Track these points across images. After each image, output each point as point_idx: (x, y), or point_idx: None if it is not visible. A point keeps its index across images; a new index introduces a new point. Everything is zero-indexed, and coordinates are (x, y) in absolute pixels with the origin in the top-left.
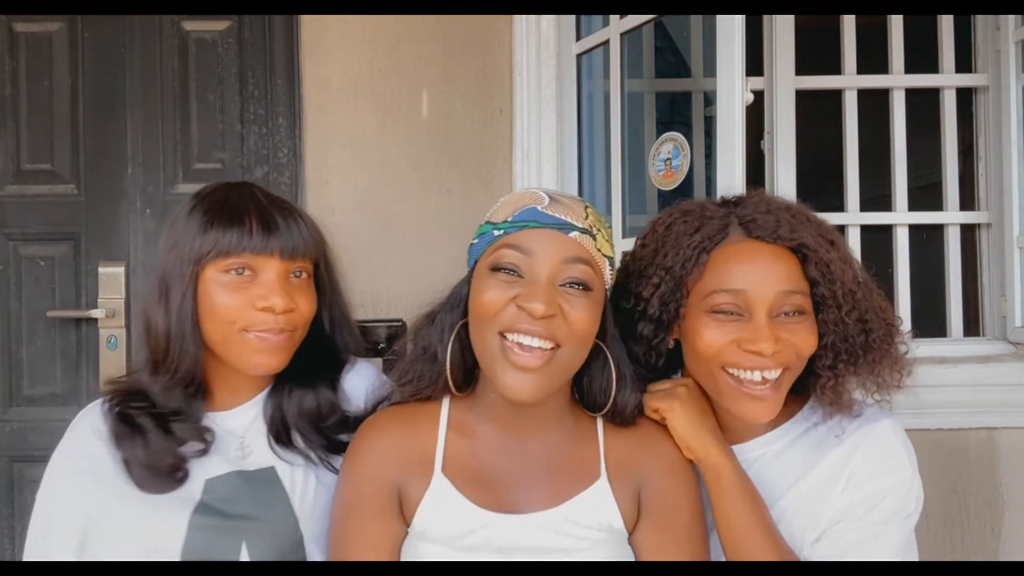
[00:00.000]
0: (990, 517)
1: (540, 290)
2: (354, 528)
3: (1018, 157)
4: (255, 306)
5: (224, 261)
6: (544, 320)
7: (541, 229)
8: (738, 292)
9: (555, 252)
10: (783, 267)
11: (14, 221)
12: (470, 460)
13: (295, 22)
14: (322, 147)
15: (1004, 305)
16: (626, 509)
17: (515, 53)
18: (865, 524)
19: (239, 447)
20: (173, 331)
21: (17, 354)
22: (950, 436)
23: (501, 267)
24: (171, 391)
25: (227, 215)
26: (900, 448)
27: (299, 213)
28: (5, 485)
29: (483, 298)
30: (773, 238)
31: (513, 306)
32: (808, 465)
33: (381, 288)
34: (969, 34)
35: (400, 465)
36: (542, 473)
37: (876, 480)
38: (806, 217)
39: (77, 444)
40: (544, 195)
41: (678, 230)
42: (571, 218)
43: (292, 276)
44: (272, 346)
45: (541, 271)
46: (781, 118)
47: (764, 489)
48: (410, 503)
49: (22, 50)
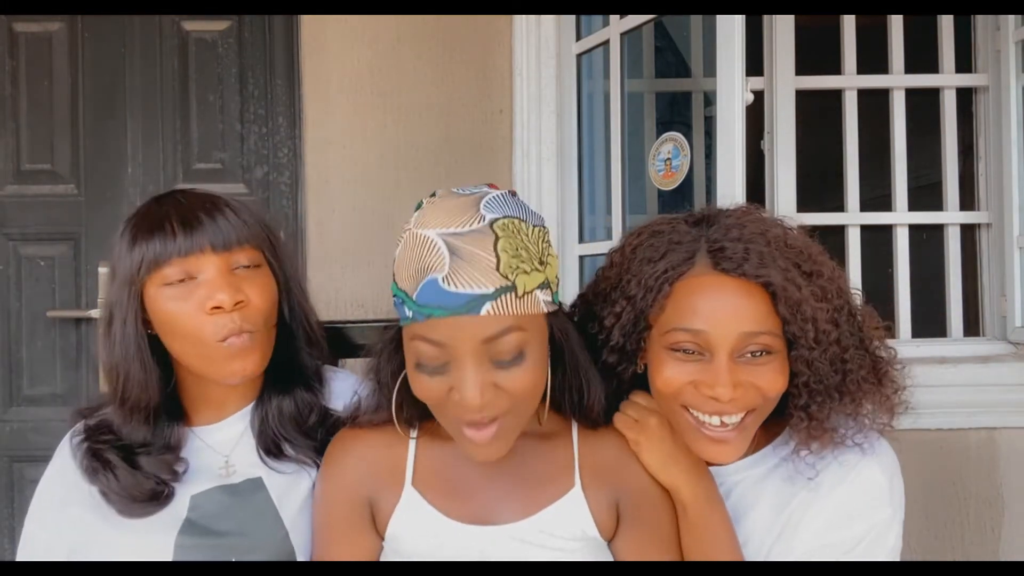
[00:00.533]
0: (990, 517)
1: (466, 381)
2: (331, 545)
3: (1018, 157)
4: (205, 310)
5: (159, 273)
6: (483, 405)
7: (448, 318)
8: (698, 332)
9: (472, 337)
10: (748, 304)
11: (14, 221)
12: (442, 470)
13: (295, 22)
14: (322, 147)
15: (1004, 305)
16: (601, 517)
17: (515, 53)
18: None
19: (224, 464)
20: (117, 358)
21: (17, 354)
22: (950, 436)
23: (421, 362)
24: (129, 423)
25: (148, 226)
26: (881, 487)
27: (229, 204)
28: (5, 485)
29: (417, 388)
30: (738, 272)
31: (450, 399)
32: (784, 498)
33: (381, 288)
34: (969, 34)
35: (371, 477)
36: (516, 482)
37: (853, 525)
38: (784, 244)
39: (61, 467)
40: (443, 249)
41: (643, 255)
42: (477, 286)
43: (237, 270)
44: (240, 349)
45: (463, 359)
46: (781, 118)
47: (743, 513)
48: (382, 515)
49: (22, 50)
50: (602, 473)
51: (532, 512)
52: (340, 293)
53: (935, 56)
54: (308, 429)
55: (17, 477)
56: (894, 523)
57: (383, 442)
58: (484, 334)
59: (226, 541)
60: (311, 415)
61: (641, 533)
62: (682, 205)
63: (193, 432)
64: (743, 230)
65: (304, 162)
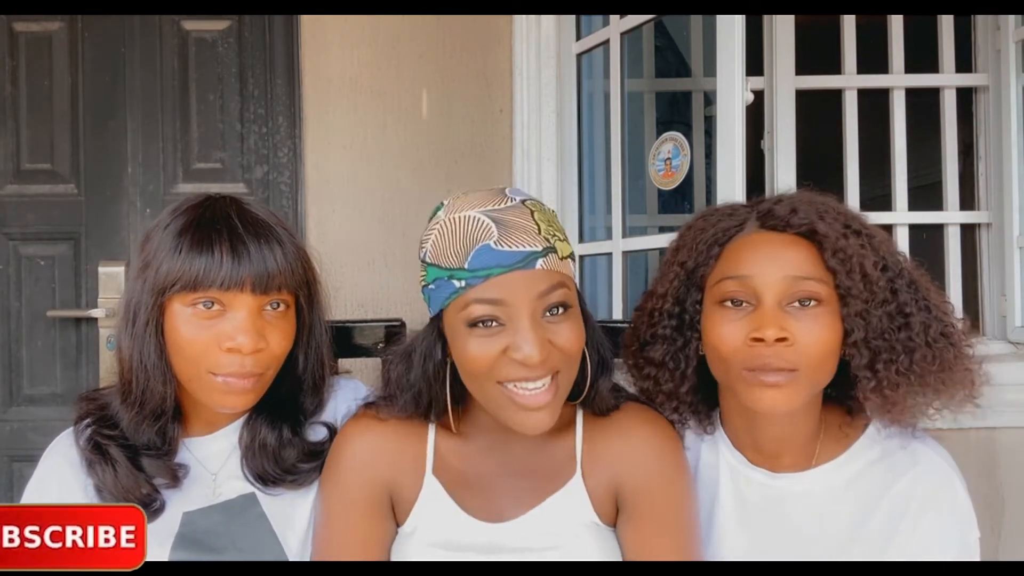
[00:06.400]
0: (990, 517)
1: (527, 336)
2: (342, 530)
3: (1018, 157)
4: (221, 346)
5: (192, 294)
6: (542, 358)
7: (509, 273)
8: (744, 278)
9: (528, 292)
10: (793, 253)
11: (14, 221)
12: (457, 462)
13: (295, 22)
14: (322, 147)
15: (1004, 305)
16: (600, 504)
17: (515, 53)
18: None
19: (212, 481)
20: (136, 364)
21: (17, 354)
22: (950, 436)
23: (477, 322)
24: (140, 426)
25: (196, 241)
26: (968, 510)
27: (279, 238)
28: (5, 485)
29: (469, 355)
30: (783, 226)
31: (505, 358)
32: (864, 513)
33: (381, 288)
34: (969, 34)
35: (391, 464)
36: (522, 474)
37: (946, 553)
38: (831, 207)
39: (54, 468)
40: (488, 221)
41: (697, 226)
42: (528, 244)
43: (266, 309)
44: (239, 389)
45: (521, 315)
46: (781, 118)
47: (814, 525)
48: (403, 504)
49: (22, 50)
50: (603, 460)
51: (536, 503)
52: (340, 293)
53: (935, 56)
54: (288, 467)
55: (17, 477)
56: (977, 543)
57: (401, 430)
58: (538, 288)
59: (222, 556)
60: (289, 454)
61: (644, 523)
62: (682, 205)
63: (184, 444)
64: (795, 198)
65: (304, 162)
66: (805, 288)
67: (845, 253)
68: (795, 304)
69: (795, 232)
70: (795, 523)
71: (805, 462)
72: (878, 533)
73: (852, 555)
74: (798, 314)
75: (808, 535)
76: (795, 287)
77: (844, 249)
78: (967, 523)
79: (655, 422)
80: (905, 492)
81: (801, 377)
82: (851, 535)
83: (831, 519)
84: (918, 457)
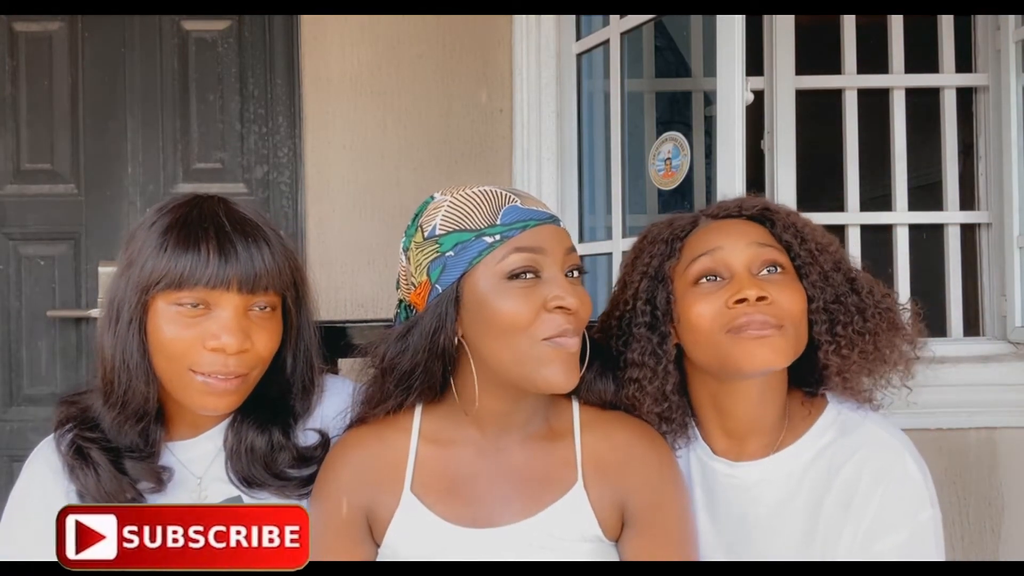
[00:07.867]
0: (990, 517)
1: (565, 286)
2: (323, 554)
3: (1018, 157)
4: (205, 345)
5: (176, 292)
6: (579, 309)
7: (542, 225)
8: (714, 251)
9: (559, 246)
10: (751, 227)
11: (14, 221)
12: (443, 471)
13: (295, 22)
14: (322, 147)
15: (1004, 305)
16: (604, 516)
17: (515, 53)
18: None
19: (198, 485)
20: (118, 363)
21: (17, 354)
22: (950, 436)
23: (518, 272)
24: (122, 427)
25: (183, 239)
26: (918, 484)
27: (267, 237)
28: (5, 484)
29: (507, 310)
30: (737, 212)
31: (544, 311)
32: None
33: (381, 288)
34: (969, 34)
35: (368, 485)
36: (518, 480)
37: (896, 532)
38: (771, 202)
39: (31, 482)
40: (505, 192)
41: (652, 233)
42: (547, 209)
43: (253, 310)
44: (221, 390)
45: (556, 266)
46: (781, 118)
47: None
48: (379, 523)
49: (22, 50)
50: (606, 470)
51: (535, 512)
52: (340, 293)
53: (935, 56)
54: (279, 472)
55: (17, 477)
56: (936, 522)
57: (382, 446)
58: (566, 244)
59: None
60: (282, 459)
61: (650, 538)
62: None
63: (168, 448)
64: (736, 199)
65: (304, 162)
66: (770, 254)
67: (796, 227)
68: (764, 272)
69: (747, 216)
70: (757, 511)
71: (769, 447)
72: (832, 516)
73: (814, 539)
74: (769, 279)
75: (768, 524)
76: (762, 253)
77: (795, 223)
78: (919, 500)
79: (653, 435)
80: (856, 469)
81: (787, 332)
82: (811, 519)
83: (789, 505)
84: (868, 436)
